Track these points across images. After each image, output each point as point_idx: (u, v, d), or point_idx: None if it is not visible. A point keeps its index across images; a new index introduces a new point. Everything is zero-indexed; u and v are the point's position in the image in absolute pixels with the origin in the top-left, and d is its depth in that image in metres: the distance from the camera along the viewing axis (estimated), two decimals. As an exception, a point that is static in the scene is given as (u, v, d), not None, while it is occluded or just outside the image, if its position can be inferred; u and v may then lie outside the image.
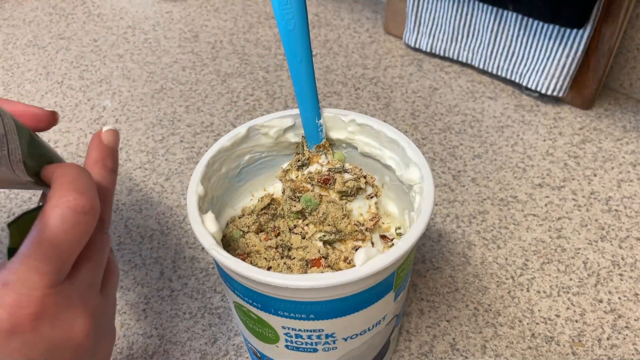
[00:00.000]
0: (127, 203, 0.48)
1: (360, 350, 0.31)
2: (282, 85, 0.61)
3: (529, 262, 0.42)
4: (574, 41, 0.52)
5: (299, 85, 0.31)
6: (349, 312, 0.27)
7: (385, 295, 0.28)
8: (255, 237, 0.31)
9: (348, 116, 0.33)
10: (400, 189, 0.33)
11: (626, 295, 0.40)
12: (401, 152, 0.31)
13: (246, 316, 0.29)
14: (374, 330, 0.30)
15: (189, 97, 0.60)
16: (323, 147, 0.34)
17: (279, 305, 0.26)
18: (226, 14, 0.74)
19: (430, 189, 0.28)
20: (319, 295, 0.25)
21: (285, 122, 0.34)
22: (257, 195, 0.36)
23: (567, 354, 0.37)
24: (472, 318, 0.39)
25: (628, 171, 0.50)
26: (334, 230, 0.31)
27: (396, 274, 0.27)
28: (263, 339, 0.30)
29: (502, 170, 0.50)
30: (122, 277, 0.42)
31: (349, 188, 0.31)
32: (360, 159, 0.35)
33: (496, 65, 0.59)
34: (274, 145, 0.35)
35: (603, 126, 0.55)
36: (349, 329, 0.28)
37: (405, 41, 0.65)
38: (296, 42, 0.29)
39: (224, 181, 0.33)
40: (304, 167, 0.34)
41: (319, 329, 0.28)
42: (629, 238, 0.44)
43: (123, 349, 0.38)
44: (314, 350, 0.29)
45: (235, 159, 0.34)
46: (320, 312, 0.27)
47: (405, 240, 0.26)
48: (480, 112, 0.57)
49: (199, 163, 0.31)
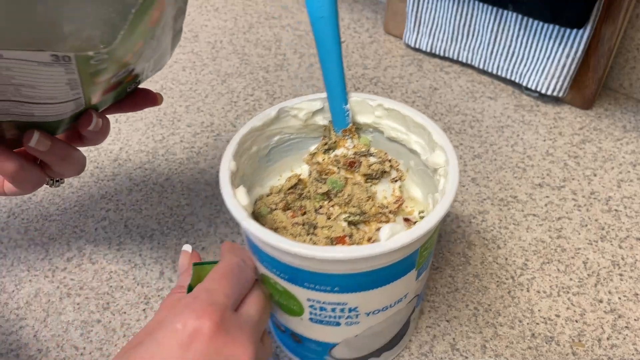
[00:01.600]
0: (127, 203, 0.48)
1: (381, 327, 0.32)
2: (282, 85, 0.61)
3: (529, 262, 0.42)
4: (574, 41, 0.52)
5: (327, 71, 0.32)
6: (372, 286, 0.28)
7: (408, 273, 0.29)
8: (282, 214, 0.32)
9: (375, 101, 0.34)
10: (425, 173, 0.34)
11: (626, 295, 0.40)
12: (427, 136, 0.32)
13: (273, 289, 0.30)
14: (396, 308, 0.31)
15: (189, 97, 0.60)
16: (349, 131, 0.34)
17: (306, 277, 0.27)
18: (226, 14, 0.74)
19: (455, 172, 0.29)
20: (344, 268, 0.26)
21: (315, 105, 0.35)
22: (284, 175, 0.37)
23: (567, 354, 0.37)
24: (472, 318, 0.39)
25: (628, 171, 0.50)
26: (359, 212, 0.31)
27: (419, 252, 0.28)
28: (288, 312, 0.31)
29: (502, 170, 0.50)
30: (122, 277, 0.42)
31: (374, 171, 0.32)
32: (386, 144, 0.36)
33: (496, 65, 0.59)
34: (303, 127, 0.36)
35: (603, 126, 0.55)
36: (371, 303, 0.29)
37: (405, 41, 0.65)
38: (326, 29, 0.30)
39: (254, 160, 0.35)
40: (331, 151, 0.35)
41: (343, 302, 0.28)
42: (629, 238, 0.44)
43: (123, 349, 0.38)
44: (337, 324, 0.30)
45: (265, 139, 0.35)
46: (345, 285, 0.27)
47: (429, 219, 0.27)
48: (480, 112, 0.57)
49: (232, 140, 0.32)
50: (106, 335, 0.38)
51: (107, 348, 0.38)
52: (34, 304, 0.41)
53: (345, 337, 0.31)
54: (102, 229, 0.46)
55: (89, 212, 0.48)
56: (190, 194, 0.49)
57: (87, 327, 0.39)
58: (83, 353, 0.37)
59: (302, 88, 0.60)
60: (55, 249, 0.45)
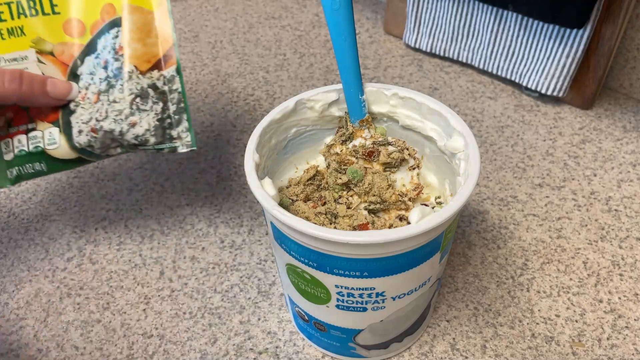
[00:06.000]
0: (127, 203, 0.48)
1: (405, 311, 0.32)
2: (282, 86, 0.61)
3: (529, 262, 0.42)
4: (574, 41, 0.52)
5: (343, 63, 0.32)
6: (400, 270, 0.29)
7: (433, 256, 0.29)
8: (304, 205, 0.33)
9: (391, 90, 0.34)
10: (441, 159, 0.34)
11: (626, 295, 0.40)
12: (444, 122, 0.33)
13: (299, 277, 0.31)
14: (420, 291, 0.31)
15: (189, 97, 0.60)
16: (366, 121, 0.35)
17: (335, 263, 0.28)
18: (226, 14, 0.74)
19: (476, 154, 0.30)
20: (374, 252, 0.27)
21: (330, 96, 0.35)
22: (301, 168, 0.38)
23: (567, 354, 0.37)
24: (472, 318, 0.39)
25: (628, 171, 0.50)
26: (379, 200, 0.32)
27: (444, 235, 0.29)
28: (314, 300, 0.32)
29: (502, 170, 0.50)
30: (122, 277, 0.42)
31: (394, 159, 0.33)
32: (401, 132, 0.36)
33: (496, 65, 0.59)
34: (319, 119, 0.36)
35: (603, 126, 0.55)
36: (398, 287, 0.30)
37: (405, 41, 0.65)
38: (341, 20, 0.31)
39: (273, 153, 0.35)
40: (348, 142, 0.35)
41: (371, 287, 0.29)
42: (629, 238, 0.44)
43: (123, 349, 0.38)
44: (364, 310, 0.31)
45: (283, 131, 0.35)
46: (374, 269, 0.28)
47: (456, 200, 0.27)
48: (480, 112, 0.57)
49: (253, 133, 0.32)
50: (106, 335, 0.39)
51: (107, 348, 0.38)
52: (34, 304, 0.41)
53: (371, 323, 0.32)
54: (102, 229, 0.46)
55: (89, 212, 0.48)
56: (190, 194, 0.49)
57: (87, 327, 0.39)
58: (83, 353, 0.37)
59: (302, 88, 0.60)
60: (55, 249, 0.45)
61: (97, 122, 0.34)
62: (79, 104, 0.35)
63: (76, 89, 0.35)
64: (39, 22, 0.35)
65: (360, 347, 0.35)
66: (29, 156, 0.36)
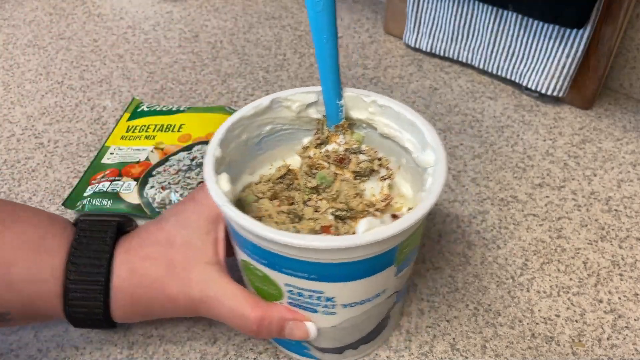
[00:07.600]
0: (127, 203, 0.48)
1: (359, 320, 0.32)
2: (282, 86, 0.61)
3: (529, 262, 0.42)
4: (574, 41, 0.52)
5: (322, 65, 0.32)
6: (348, 278, 0.28)
7: (386, 269, 0.29)
8: (268, 203, 0.32)
9: (370, 97, 0.34)
10: (416, 171, 0.34)
11: (626, 295, 0.40)
12: (420, 134, 0.32)
13: (252, 274, 0.31)
14: (374, 301, 0.31)
15: (189, 97, 0.60)
16: (342, 127, 0.35)
17: (284, 263, 0.28)
18: (226, 14, 0.74)
19: (442, 172, 0.29)
20: (319, 257, 0.27)
21: (309, 97, 0.35)
22: (275, 165, 0.37)
23: (567, 354, 0.37)
24: (472, 318, 0.39)
25: (628, 171, 0.50)
26: (345, 208, 0.31)
27: (398, 249, 0.28)
28: (267, 296, 0.31)
29: (502, 170, 0.50)
30: (122, 277, 0.42)
31: (363, 169, 0.32)
32: (379, 140, 0.36)
33: (496, 65, 0.59)
34: (296, 119, 0.36)
35: (603, 126, 0.55)
36: (348, 295, 0.29)
37: (405, 41, 0.65)
38: (323, 23, 0.30)
39: (244, 148, 0.35)
40: (322, 145, 0.35)
41: (319, 290, 0.29)
42: (629, 238, 0.44)
43: (123, 349, 0.38)
44: (314, 311, 0.31)
45: (257, 128, 0.35)
46: (321, 274, 0.28)
47: (408, 216, 0.27)
48: (480, 112, 0.57)
49: (220, 127, 0.32)
50: (106, 335, 0.38)
51: (107, 348, 0.38)
52: (34, 304, 0.41)
53: (322, 327, 0.32)
54: (102, 229, 0.46)
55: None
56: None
57: (87, 327, 0.39)
58: (83, 353, 0.37)
59: (302, 88, 0.60)
60: (55, 249, 0.45)
61: (168, 184, 0.45)
62: (161, 172, 0.46)
63: (314, 332, 0.32)
64: (166, 136, 0.51)
65: (313, 349, 0.34)
66: (103, 194, 0.45)
